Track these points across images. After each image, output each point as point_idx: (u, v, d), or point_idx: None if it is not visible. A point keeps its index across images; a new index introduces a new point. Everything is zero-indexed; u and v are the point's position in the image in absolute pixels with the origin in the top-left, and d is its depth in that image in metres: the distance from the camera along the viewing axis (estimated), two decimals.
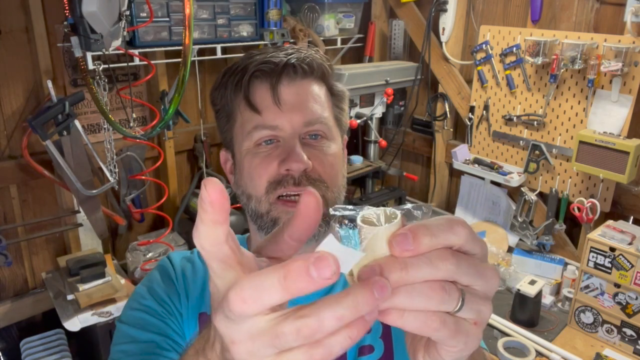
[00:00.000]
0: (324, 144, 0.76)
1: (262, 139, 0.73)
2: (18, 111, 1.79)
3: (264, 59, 0.75)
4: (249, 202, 0.76)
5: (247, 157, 0.75)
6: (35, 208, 1.90)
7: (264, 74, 0.74)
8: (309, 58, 0.76)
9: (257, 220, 0.75)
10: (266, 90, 0.74)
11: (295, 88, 0.75)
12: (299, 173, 0.71)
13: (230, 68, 0.78)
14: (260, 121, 0.73)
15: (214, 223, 0.33)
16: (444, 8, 2.05)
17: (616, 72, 1.54)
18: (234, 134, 0.78)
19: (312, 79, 0.77)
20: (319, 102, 0.76)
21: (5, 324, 1.90)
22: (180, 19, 1.80)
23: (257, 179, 0.73)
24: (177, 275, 0.80)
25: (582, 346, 1.50)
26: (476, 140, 2.05)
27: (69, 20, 1.46)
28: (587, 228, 1.70)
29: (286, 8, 2.22)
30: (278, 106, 0.73)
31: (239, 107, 0.76)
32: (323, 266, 0.30)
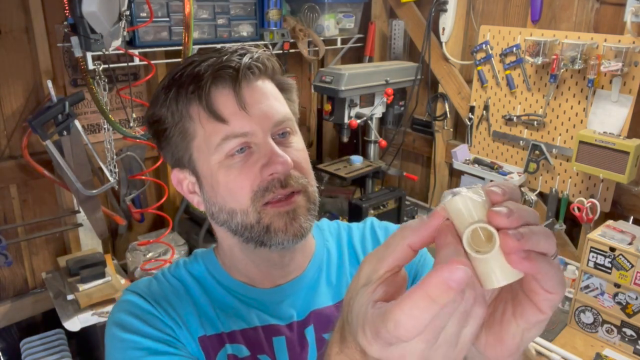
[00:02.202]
0: (292, 140, 0.74)
1: (234, 148, 0.69)
2: (18, 111, 1.79)
3: (219, 64, 0.69)
4: (233, 218, 0.71)
5: (220, 171, 0.70)
6: (35, 208, 1.90)
7: (223, 80, 0.69)
8: (260, 57, 0.73)
9: (245, 232, 0.71)
10: (229, 97, 0.69)
11: (256, 90, 0.71)
12: (284, 175, 0.69)
13: (174, 81, 0.71)
14: (229, 130, 0.68)
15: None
16: (444, 8, 2.05)
17: (616, 72, 1.54)
18: (194, 151, 0.72)
19: (265, 77, 0.74)
20: (279, 99, 0.74)
21: (5, 324, 1.90)
22: (180, 19, 1.80)
23: (239, 191, 0.69)
24: (158, 305, 0.73)
25: (582, 346, 1.50)
26: (476, 140, 2.05)
27: (69, 20, 1.46)
28: (587, 228, 1.70)
29: (286, 8, 2.22)
30: (245, 111, 0.69)
31: (198, 119, 0.70)
32: (455, 270, 0.34)
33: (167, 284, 0.77)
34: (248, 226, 0.70)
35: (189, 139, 0.72)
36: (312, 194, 0.73)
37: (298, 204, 0.70)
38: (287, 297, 0.78)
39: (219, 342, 0.73)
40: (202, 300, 0.76)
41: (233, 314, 0.75)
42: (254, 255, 0.75)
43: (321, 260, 0.83)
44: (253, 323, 0.75)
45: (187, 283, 0.78)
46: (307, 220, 0.71)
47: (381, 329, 0.35)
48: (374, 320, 0.36)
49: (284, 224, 0.69)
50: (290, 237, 0.70)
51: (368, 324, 0.36)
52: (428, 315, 0.34)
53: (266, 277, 0.78)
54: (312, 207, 0.73)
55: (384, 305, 0.36)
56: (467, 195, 0.38)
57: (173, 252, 1.91)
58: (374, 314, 0.36)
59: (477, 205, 0.38)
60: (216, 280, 0.78)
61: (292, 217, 0.70)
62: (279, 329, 0.75)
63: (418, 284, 0.34)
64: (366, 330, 0.37)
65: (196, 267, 0.80)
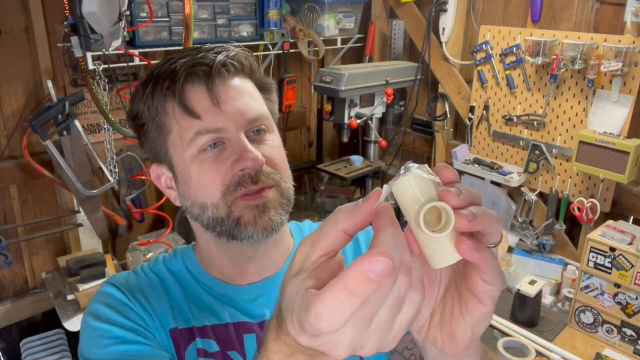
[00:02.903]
0: (267, 137, 0.75)
1: (207, 143, 0.70)
2: (18, 111, 1.79)
3: (193, 61, 0.71)
4: (204, 212, 0.72)
5: (193, 165, 0.71)
6: (35, 208, 1.90)
7: (197, 76, 0.71)
8: (236, 55, 0.74)
9: (216, 227, 0.72)
10: (202, 93, 0.71)
11: (230, 87, 0.72)
12: (255, 170, 0.70)
13: (151, 77, 0.74)
14: (202, 126, 0.70)
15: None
16: (444, 8, 2.05)
17: (616, 72, 1.54)
18: (170, 145, 0.74)
19: (242, 75, 0.75)
20: (255, 97, 0.75)
21: (5, 324, 1.90)
22: (180, 19, 1.80)
23: (210, 185, 0.71)
24: (132, 297, 0.75)
25: (582, 346, 1.50)
26: (476, 140, 2.05)
27: (69, 20, 1.46)
28: (587, 228, 1.70)
29: (286, 8, 2.22)
30: (218, 107, 0.70)
31: (172, 115, 0.72)
32: (374, 262, 0.33)
33: (145, 278, 0.79)
34: (219, 220, 0.71)
35: (165, 133, 0.73)
36: (285, 190, 0.74)
37: (269, 197, 0.71)
38: (260, 296, 0.79)
39: (189, 336, 0.74)
40: (177, 294, 0.78)
41: (206, 310, 0.77)
42: (228, 250, 0.76)
43: None
44: (225, 319, 0.76)
45: (164, 278, 0.80)
46: (277, 214, 0.72)
47: (304, 321, 0.35)
48: (300, 311, 0.35)
49: (253, 217, 0.70)
50: (259, 230, 0.70)
51: (295, 314, 0.36)
52: (349, 308, 0.33)
53: (241, 273, 0.79)
54: (285, 202, 0.74)
55: (310, 295, 0.35)
56: (418, 173, 0.38)
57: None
58: (300, 304, 0.36)
59: (427, 184, 0.38)
60: (193, 276, 0.80)
61: (262, 210, 0.70)
62: (250, 327, 0.76)
63: (339, 275, 0.33)
64: (294, 320, 0.36)
65: (174, 263, 0.82)
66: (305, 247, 0.39)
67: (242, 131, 0.71)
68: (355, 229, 0.38)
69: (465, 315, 0.43)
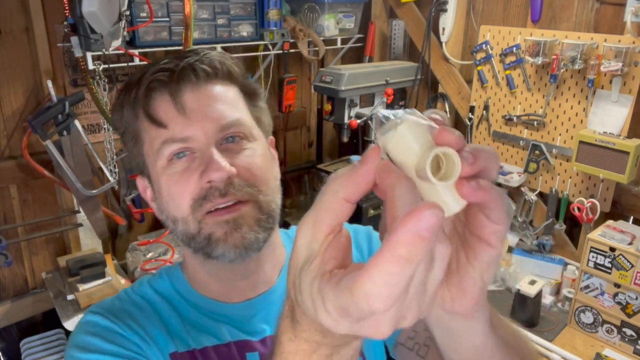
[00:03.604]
0: (245, 145, 0.69)
1: (173, 152, 0.67)
2: (18, 111, 1.79)
3: (158, 67, 0.68)
4: (176, 226, 0.69)
5: (163, 176, 0.68)
6: (35, 208, 1.90)
7: (162, 83, 0.67)
8: (209, 59, 0.69)
9: (190, 242, 0.68)
10: (167, 101, 0.67)
11: (200, 93, 0.68)
12: (224, 183, 0.65)
13: (126, 86, 0.71)
14: (168, 135, 0.66)
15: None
16: (444, 8, 2.05)
17: (616, 72, 1.54)
18: (145, 156, 0.70)
19: (218, 80, 0.70)
20: (231, 103, 0.70)
21: (5, 324, 1.89)
22: (180, 19, 1.80)
23: (179, 198, 0.66)
24: (121, 323, 0.70)
25: (582, 346, 1.50)
26: (476, 140, 2.05)
27: (69, 20, 1.46)
28: (587, 228, 1.70)
29: (286, 8, 2.22)
30: (184, 115, 0.66)
31: (142, 125, 0.69)
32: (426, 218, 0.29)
33: (131, 302, 0.74)
34: (190, 236, 0.67)
35: (140, 144, 0.70)
36: (265, 205, 0.68)
37: (242, 213, 0.66)
38: (258, 312, 0.75)
39: (191, 359, 0.70)
40: (170, 316, 0.73)
41: (203, 330, 0.72)
42: (213, 268, 0.72)
43: None
44: (225, 339, 0.72)
45: (152, 300, 0.74)
46: (252, 231, 0.66)
47: (349, 306, 0.30)
48: (338, 297, 0.31)
49: (223, 233, 0.65)
50: (231, 247, 0.65)
51: (330, 302, 0.32)
52: (404, 278, 0.29)
53: (232, 290, 0.74)
54: (264, 218, 0.68)
55: (341, 275, 0.32)
56: (414, 119, 0.34)
57: (173, 252, 1.91)
58: (335, 289, 0.31)
59: (424, 130, 0.34)
60: (182, 296, 0.75)
61: (234, 226, 0.65)
62: (252, 345, 0.72)
63: (383, 245, 0.29)
64: (329, 308, 0.32)
65: (161, 284, 0.77)
66: (307, 228, 0.35)
67: (212, 140, 0.66)
68: (358, 194, 0.34)
69: (473, 263, 0.40)
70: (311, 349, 0.37)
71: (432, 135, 0.34)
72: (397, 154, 0.34)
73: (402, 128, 0.34)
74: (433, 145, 0.34)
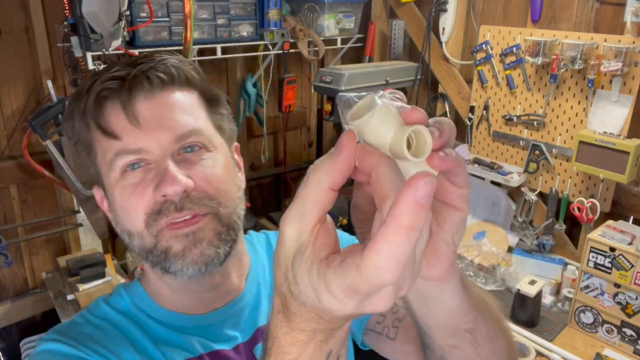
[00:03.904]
0: (204, 155, 0.66)
1: (127, 164, 0.63)
2: (18, 111, 1.79)
3: (108, 75, 0.64)
4: (132, 240, 0.66)
5: (116, 189, 0.65)
6: (35, 208, 1.90)
7: (113, 92, 0.63)
8: (164, 65, 0.65)
9: (147, 256, 0.65)
10: (119, 111, 0.63)
11: (155, 101, 0.64)
12: (179, 196, 0.62)
13: (76, 94, 0.67)
14: (121, 147, 0.63)
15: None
16: (444, 8, 2.05)
17: (616, 72, 1.54)
18: (99, 166, 0.67)
19: (175, 87, 0.66)
20: (189, 111, 0.66)
21: (5, 324, 1.90)
22: (180, 19, 1.80)
23: (133, 212, 0.63)
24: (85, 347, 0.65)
25: (582, 346, 1.50)
26: (476, 140, 2.05)
27: (69, 20, 1.46)
28: (587, 228, 1.70)
29: (286, 8, 2.22)
30: (137, 126, 0.62)
31: (94, 135, 0.65)
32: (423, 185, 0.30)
33: (90, 325, 0.69)
34: (147, 250, 0.65)
35: (93, 154, 0.67)
36: (225, 217, 0.65)
37: (201, 226, 0.63)
38: (227, 319, 0.73)
39: None
40: (136, 335, 0.69)
41: (173, 345, 0.69)
42: (172, 282, 0.69)
43: (257, 276, 0.78)
44: (197, 351, 0.69)
45: (114, 320, 0.70)
46: (212, 246, 0.64)
47: (359, 284, 0.32)
48: (344, 278, 0.32)
49: (182, 248, 0.63)
50: (189, 264, 0.63)
51: (335, 285, 0.33)
52: (409, 247, 0.31)
53: (198, 302, 0.72)
54: (224, 230, 0.65)
55: (341, 258, 0.33)
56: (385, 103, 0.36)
57: None
58: (339, 271, 0.33)
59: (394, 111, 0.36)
60: (146, 313, 0.71)
61: (193, 241, 0.63)
62: (225, 354, 0.70)
63: (386, 218, 0.31)
64: (335, 292, 0.33)
65: (121, 303, 0.73)
66: (293, 222, 0.35)
67: (168, 151, 0.63)
68: (342, 181, 0.35)
69: (444, 227, 0.42)
70: (308, 337, 0.38)
71: (401, 115, 0.36)
72: (372, 136, 0.36)
73: (377, 111, 0.35)
74: (403, 125, 0.36)
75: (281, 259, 0.36)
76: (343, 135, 0.36)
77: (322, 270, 0.33)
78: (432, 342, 0.53)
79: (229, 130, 0.73)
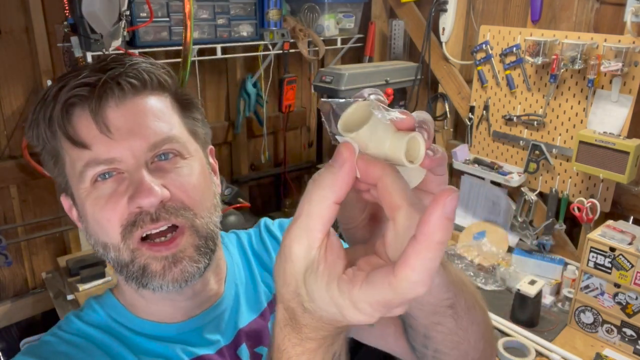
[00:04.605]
0: (179, 163, 0.64)
1: (97, 174, 0.61)
2: (18, 111, 1.79)
3: (77, 81, 0.60)
4: (107, 252, 0.63)
5: (87, 201, 0.62)
6: (35, 208, 1.90)
7: (82, 99, 0.60)
8: (135, 70, 0.63)
9: (122, 270, 0.63)
10: (88, 119, 0.60)
11: (127, 108, 0.61)
12: (155, 207, 0.60)
13: (41, 101, 0.63)
14: (92, 157, 0.60)
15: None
16: (444, 8, 2.05)
17: (616, 72, 1.54)
18: (68, 176, 0.64)
19: (147, 93, 0.64)
20: (163, 118, 0.64)
21: (5, 324, 1.90)
22: (180, 19, 1.80)
23: (107, 224, 0.61)
24: None
25: (582, 346, 1.50)
26: (476, 140, 2.05)
27: (69, 20, 1.46)
28: (587, 228, 1.70)
29: (286, 8, 2.22)
30: (108, 135, 0.60)
31: (62, 145, 0.62)
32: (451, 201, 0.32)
33: (65, 343, 0.66)
34: (123, 264, 0.62)
35: (61, 163, 0.64)
36: (201, 228, 0.64)
37: (180, 247, 0.62)
38: (208, 324, 0.72)
39: None
40: (117, 349, 0.66)
41: (155, 356, 0.67)
42: (150, 294, 0.66)
43: (235, 277, 0.78)
44: (180, 359, 0.68)
45: (90, 335, 0.67)
46: (192, 263, 0.62)
47: (392, 299, 0.33)
48: (373, 294, 0.33)
49: (161, 267, 0.61)
50: (169, 282, 0.61)
51: (363, 301, 0.34)
52: (439, 260, 0.32)
53: (177, 311, 0.70)
54: (202, 243, 0.64)
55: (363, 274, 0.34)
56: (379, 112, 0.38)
57: None
58: (366, 288, 0.33)
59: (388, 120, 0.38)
60: (123, 325, 0.69)
61: (173, 261, 0.61)
62: (210, 358, 0.69)
63: (419, 232, 0.32)
64: (362, 307, 0.34)
65: (94, 316, 0.70)
66: (300, 239, 0.36)
67: (142, 160, 0.61)
68: (345, 194, 0.36)
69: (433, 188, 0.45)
70: (317, 345, 0.39)
71: (394, 124, 0.38)
72: (370, 146, 0.37)
73: (373, 122, 0.36)
74: (396, 132, 0.37)
75: (289, 276, 0.37)
76: (341, 147, 0.36)
77: (344, 287, 0.34)
78: (416, 321, 0.54)
79: (204, 134, 0.72)
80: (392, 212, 0.35)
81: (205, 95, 2.22)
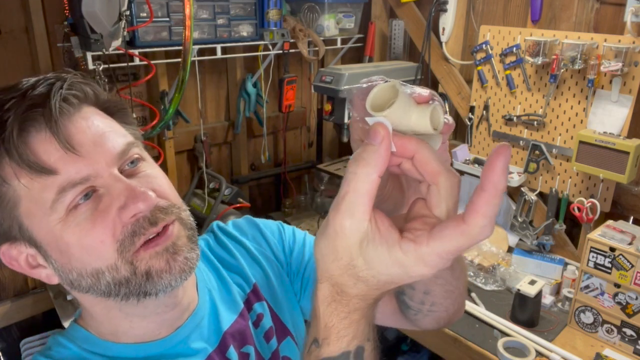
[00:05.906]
0: (145, 167, 0.64)
1: (78, 197, 0.57)
2: None
3: (23, 104, 0.55)
4: (100, 279, 0.59)
5: (67, 231, 0.57)
6: None
7: (34, 122, 0.56)
8: (75, 85, 0.60)
9: (120, 290, 0.60)
10: (47, 141, 0.56)
11: (81, 123, 0.59)
12: (151, 210, 0.59)
13: None
14: (63, 181, 0.56)
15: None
16: (444, 8, 2.05)
17: (616, 72, 1.54)
18: (23, 218, 0.58)
19: (89, 104, 0.62)
20: (114, 127, 0.63)
21: (5, 324, 1.90)
22: (180, 19, 1.80)
23: (100, 246, 0.58)
24: None
25: (582, 346, 1.50)
26: (476, 140, 2.05)
27: (69, 20, 1.46)
28: (587, 228, 1.70)
29: (286, 8, 2.22)
30: (74, 152, 0.56)
31: (15, 179, 0.56)
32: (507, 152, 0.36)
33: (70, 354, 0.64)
34: (123, 281, 0.59)
35: (11, 206, 0.58)
36: (186, 220, 0.65)
37: (175, 235, 0.62)
38: (192, 334, 0.71)
39: None
40: None
41: None
42: (141, 309, 0.65)
43: (205, 284, 0.77)
44: None
45: None
46: (190, 250, 0.63)
47: (463, 245, 0.37)
48: (441, 245, 0.38)
49: (165, 263, 0.60)
50: (177, 274, 0.61)
51: (430, 254, 0.38)
52: (499, 206, 0.37)
53: (160, 325, 0.69)
54: (191, 233, 0.65)
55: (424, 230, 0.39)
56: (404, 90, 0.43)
57: None
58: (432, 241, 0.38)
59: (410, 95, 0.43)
60: (102, 355, 0.66)
61: (173, 251, 0.61)
62: None
63: (483, 185, 0.36)
64: (429, 260, 0.38)
65: (65, 353, 0.66)
66: (351, 215, 0.39)
67: (115, 170, 0.59)
68: (385, 169, 0.40)
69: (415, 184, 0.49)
70: (360, 315, 0.43)
71: (415, 99, 0.43)
72: (399, 122, 0.42)
73: (400, 99, 0.41)
74: (417, 105, 0.42)
75: (341, 250, 0.40)
76: (377, 126, 0.40)
77: (408, 247, 0.39)
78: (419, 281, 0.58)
79: (140, 137, 0.71)
80: (434, 178, 0.40)
81: (205, 95, 2.22)
